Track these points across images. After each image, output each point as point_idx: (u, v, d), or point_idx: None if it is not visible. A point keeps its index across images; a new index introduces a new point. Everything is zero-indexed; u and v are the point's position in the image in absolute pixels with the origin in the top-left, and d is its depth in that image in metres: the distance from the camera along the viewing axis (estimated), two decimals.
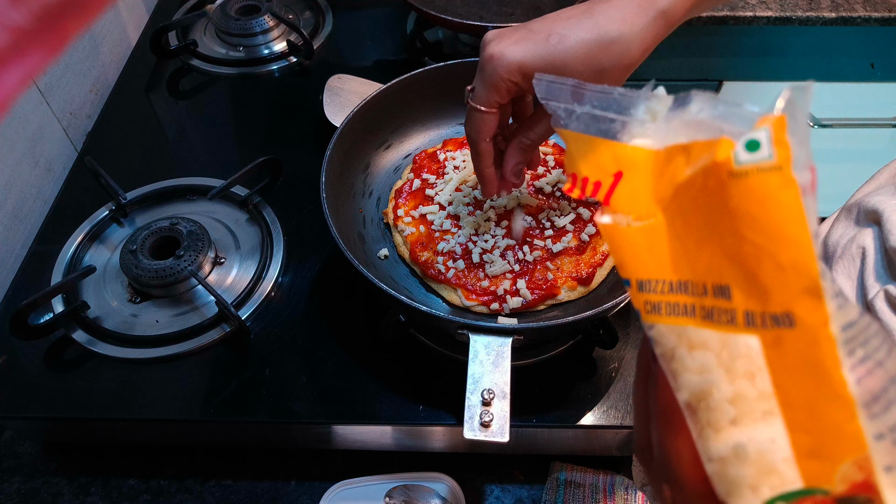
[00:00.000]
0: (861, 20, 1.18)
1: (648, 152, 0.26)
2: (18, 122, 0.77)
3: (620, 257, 0.27)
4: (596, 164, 0.27)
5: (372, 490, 0.60)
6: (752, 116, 0.22)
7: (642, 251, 0.26)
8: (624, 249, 0.26)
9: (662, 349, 0.25)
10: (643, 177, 0.26)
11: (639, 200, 0.26)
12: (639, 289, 0.26)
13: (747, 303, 0.22)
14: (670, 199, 0.25)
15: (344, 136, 0.65)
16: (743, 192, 0.22)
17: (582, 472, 0.62)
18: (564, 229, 0.64)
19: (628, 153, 0.26)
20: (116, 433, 0.65)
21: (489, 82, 0.50)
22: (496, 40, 0.49)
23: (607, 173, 0.27)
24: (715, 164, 0.22)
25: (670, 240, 0.25)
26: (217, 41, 0.99)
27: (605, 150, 0.27)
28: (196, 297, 0.67)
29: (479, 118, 0.52)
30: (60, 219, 0.74)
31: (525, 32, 0.49)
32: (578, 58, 0.47)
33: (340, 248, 0.55)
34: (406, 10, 1.04)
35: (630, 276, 0.26)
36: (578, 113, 0.28)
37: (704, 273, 0.24)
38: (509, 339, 0.51)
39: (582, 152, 0.27)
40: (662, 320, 0.25)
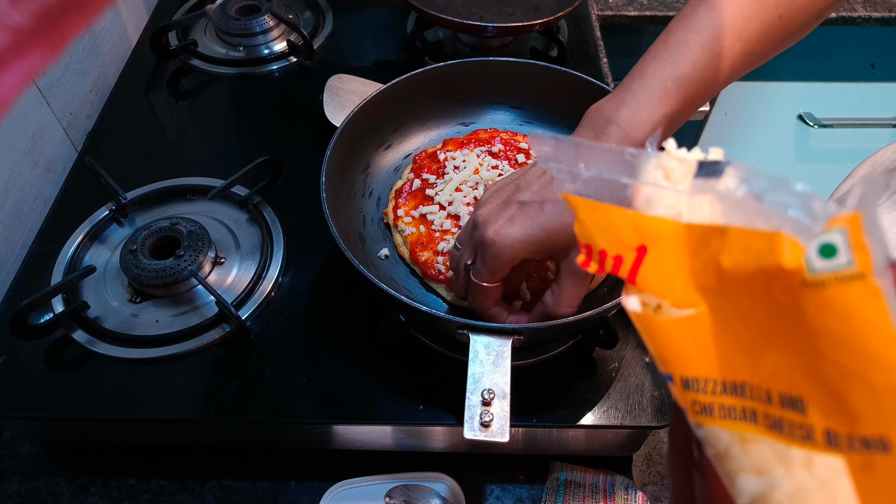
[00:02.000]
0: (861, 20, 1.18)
1: (675, 225, 0.23)
2: (18, 122, 0.77)
3: (659, 350, 0.24)
4: (614, 236, 0.24)
5: (372, 490, 0.60)
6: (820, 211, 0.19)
7: (686, 345, 0.23)
8: (664, 342, 0.24)
9: (715, 449, 0.23)
10: (673, 254, 0.23)
11: (673, 282, 0.24)
12: (684, 387, 0.23)
13: (828, 422, 0.20)
14: (715, 289, 0.23)
15: (344, 136, 0.65)
16: (821, 306, 0.19)
17: (582, 472, 0.62)
18: None
19: (651, 225, 0.24)
20: (116, 433, 0.65)
21: (492, 265, 0.50)
22: (491, 222, 0.50)
23: (629, 247, 0.24)
24: (781, 269, 0.20)
25: (719, 335, 0.23)
26: (217, 41, 0.99)
27: (622, 219, 0.24)
28: (196, 297, 0.67)
29: (483, 292, 0.53)
30: (60, 219, 0.74)
31: (516, 208, 0.49)
32: None
33: (340, 248, 0.55)
34: (406, 10, 1.04)
35: (672, 373, 0.24)
36: (586, 176, 0.25)
37: (768, 379, 0.21)
38: (509, 339, 0.51)
39: (595, 222, 0.25)
40: (716, 423, 0.23)
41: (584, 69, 0.71)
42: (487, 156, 0.70)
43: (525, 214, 0.49)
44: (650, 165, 0.24)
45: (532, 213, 0.49)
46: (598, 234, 0.25)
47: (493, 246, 0.49)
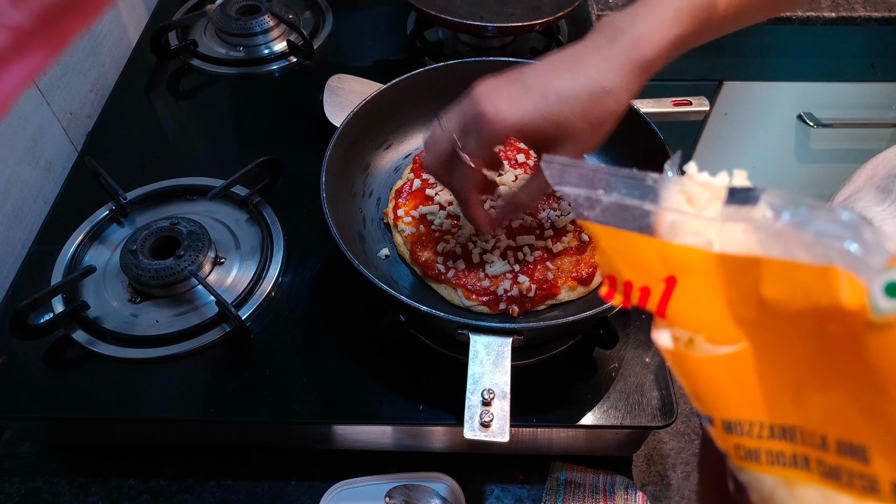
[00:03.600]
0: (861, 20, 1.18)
1: (706, 255, 0.22)
2: (18, 122, 0.77)
3: (697, 390, 0.22)
4: (640, 267, 0.23)
5: (372, 490, 0.60)
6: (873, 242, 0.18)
7: (727, 385, 0.22)
8: (701, 381, 0.22)
9: (760, 495, 0.22)
10: (706, 285, 0.22)
11: (708, 315, 0.22)
12: (726, 430, 0.22)
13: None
14: (757, 323, 0.21)
15: (344, 136, 0.65)
16: (890, 348, 0.18)
17: (582, 472, 0.62)
18: (564, 229, 0.64)
19: (680, 254, 0.22)
20: (116, 433, 0.65)
21: (484, 141, 0.49)
22: (490, 96, 0.49)
23: (656, 278, 0.23)
24: (839, 307, 0.19)
25: (764, 373, 0.21)
26: (217, 41, 0.99)
27: (647, 248, 0.23)
28: (196, 297, 0.67)
29: (469, 172, 0.52)
30: (60, 219, 0.74)
31: (520, 89, 0.49)
32: (576, 113, 0.48)
33: (340, 248, 0.55)
34: (406, 10, 1.04)
35: (713, 414, 0.22)
36: (605, 203, 0.23)
37: (821, 422, 0.20)
38: (509, 339, 0.51)
39: (618, 250, 0.23)
40: (763, 469, 0.21)
41: None
42: None
43: (527, 97, 0.48)
44: (672, 190, 0.23)
45: (535, 98, 0.48)
46: (621, 265, 0.23)
47: (489, 120, 0.48)
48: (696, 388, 0.22)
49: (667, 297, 0.22)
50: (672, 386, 0.60)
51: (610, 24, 0.51)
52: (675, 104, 0.76)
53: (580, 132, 0.49)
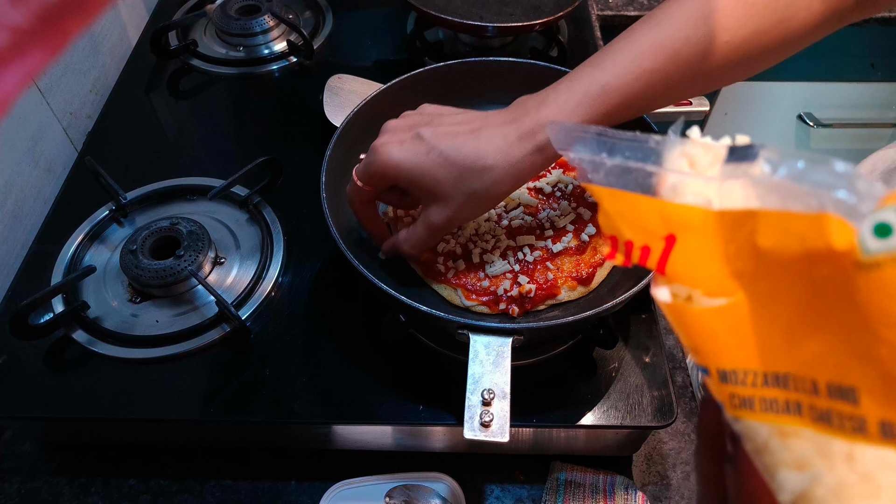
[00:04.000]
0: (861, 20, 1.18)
1: (705, 213, 0.23)
2: (18, 122, 0.77)
3: (694, 342, 0.23)
4: (641, 226, 0.24)
5: (372, 490, 0.60)
6: (865, 190, 0.19)
7: (722, 336, 0.22)
8: (698, 333, 0.23)
9: (753, 444, 0.22)
10: (704, 242, 0.23)
11: (705, 270, 0.23)
12: (721, 380, 0.22)
13: (884, 411, 0.19)
14: (752, 274, 0.22)
15: (344, 136, 0.65)
16: (877, 287, 0.19)
17: (582, 472, 0.62)
18: (564, 229, 0.64)
19: (679, 213, 0.23)
20: (116, 433, 0.65)
21: (368, 169, 0.54)
22: (390, 133, 0.54)
23: (656, 236, 0.23)
24: (830, 250, 0.19)
25: (757, 323, 0.22)
26: (217, 41, 0.99)
27: (648, 208, 0.23)
28: (196, 297, 0.67)
29: (353, 186, 0.56)
30: (60, 219, 0.74)
31: (413, 138, 0.52)
32: (451, 178, 0.51)
33: (340, 248, 0.55)
34: (406, 10, 1.04)
35: (709, 365, 0.23)
36: (609, 165, 0.24)
37: (812, 367, 0.21)
38: (509, 339, 0.51)
39: (620, 211, 0.24)
40: (757, 417, 0.22)
41: None
42: None
43: (413, 147, 0.52)
44: (675, 153, 0.23)
45: (418, 149, 0.51)
46: (623, 225, 0.24)
47: (375, 153, 0.53)
48: (694, 340, 0.23)
49: (666, 255, 0.23)
50: (672, 386, 0.60)
51: (521, 104, 0.53)
52: (675, 104, 0.76)
53: (452, 198, 0.52)
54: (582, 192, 0.67)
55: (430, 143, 0.51)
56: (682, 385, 0.68)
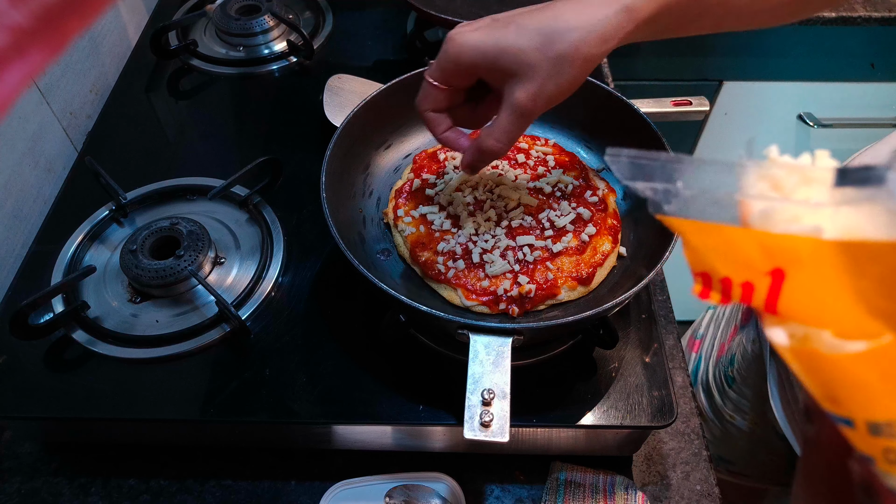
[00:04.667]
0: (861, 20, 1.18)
1: (817, 243, 0.20)
2: (18, 122, 0.77)
3: (831, 391, 0.21)
4: (738, 261, 0.21)
5: (372, 490, 0.60)
6: None
7: (871, 383, 0.20)
8: (837, 380, 0.20)
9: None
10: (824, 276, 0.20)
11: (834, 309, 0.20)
12: (872, 433, 0.20)
13: None
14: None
15: (344, 136, 0.65)
16: None
17: (582, 472, 0.62)
18: (564, 229, 0.64)
19: (783, 244, 0.20)
20: (116, 433, 0.65)
21: (441, 60, 0.52)
22: (461, 27, 0.51)
23: (759, 272, 0.21)
24: None
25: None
26: (217, 41, 0.99)
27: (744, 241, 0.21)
28: (196, 297, 0.67)
29: (426, 88, 0.54)
30: (60, 219, 0.74)
31: (488, 21, 0.51)
32: (533, 44, 0.48)
33: (340, 248, 0.55)
34: (406, 10, 1.04)
35: (853, 416, 0.20)
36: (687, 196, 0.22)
37: None
38: (509, 339, 0.51)
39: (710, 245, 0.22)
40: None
41: None
42: None
43: (489, 27, 0.50)
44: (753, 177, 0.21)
45: (496, 27, 0.50)
46: (717, 261, 0.22)
47: (449, 42, 0.51)
48: (832, 389, 0.21)
49: (776, 292, 0.21)
50: (672, 386, 0.60)
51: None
52: (675, 104, 0.76)
53: (538, 67, 0.48)
54: (582, 192, 0.67)
55: (507, 20, 0.50)
56: (682, 385, 0.69)
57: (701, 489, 0.63)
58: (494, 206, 0.66)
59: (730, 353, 0.81)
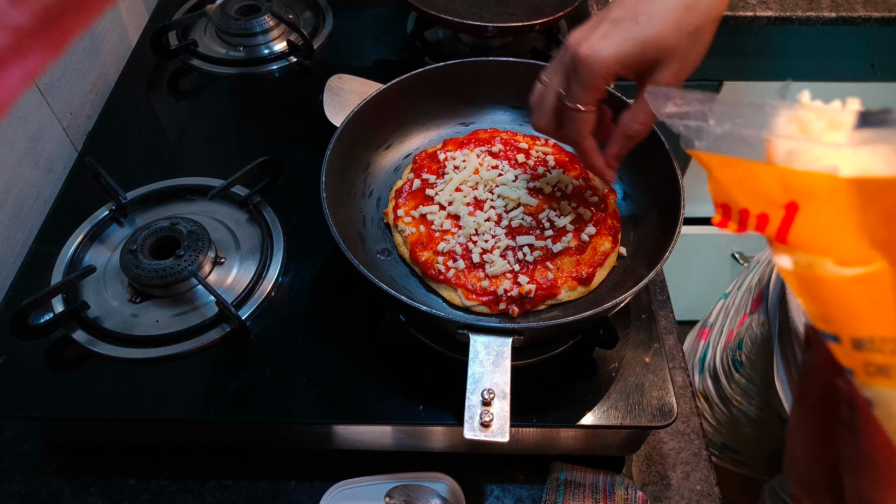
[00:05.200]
0: (861, 20, 1.18)
1: (834, 180, 0.22)
2: (18, 122, 0.77)
3: (825, 310, 0.23)
4: (757, 194, 0.23)
5: (372, 490, 0.60)
6: None
7: (859, 304, 0.22)
8: (831, 301, 0.22)
9: (886, 410, 0.23)
10: (834, 210, 0.22)
11: (837, 240, 0.22)
12: (855, 347, 0.22)
13: None
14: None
15: (344, 136, 0.65)
16: None
17: (582, 472, 0.62)
18: (564, 229, 0.64)
19: (803, 180, 0.22)
20: (116, 433, 0.65)
21: (587, 83, 0.49)
22: (583, 41, 0.49)
23: (775, 204, 0.23)
24: None
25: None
26: (217, 41, 0.99)
27: (766, 175, 0.23)
28: (196, 297, 0.67)
29: (579, 118, 0.52)
30: (60, 219, 0.74)
31: (609, 24, 0.49)
32: (670, 26, 0.47)
33: (340, 248, 0.55)
34: (406, 10, 1.04)
35: (840, 333, 0.23)
36: (718, 133, 0.24)
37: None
38: (509, 339, 0.51)
39: (733, 179, 0.24)
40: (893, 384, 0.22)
41: None
42: (487, 156, 0.70)
43: (618, 28, 0.48)
44: (784, 118, 0.23)
45: (626, 26, 0.48)
46: (738, 193, 0.24)
47: (587, 62, 0.48)
48: (825, 309, 0.23)
49: (788, 223, 0.23)
50: (672, 386, 0.60)
51: None
52: None
53: (679, 46, 0.48)
54: (582, 192, 0.67)
55: (630, 15, 0.48)
56: (682, 385, 0.69)
57: (701, 489, 0.63)
58: (494, 206, 0.66)
59: (738, 337, 0.82)
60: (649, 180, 0.66)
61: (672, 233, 0.57)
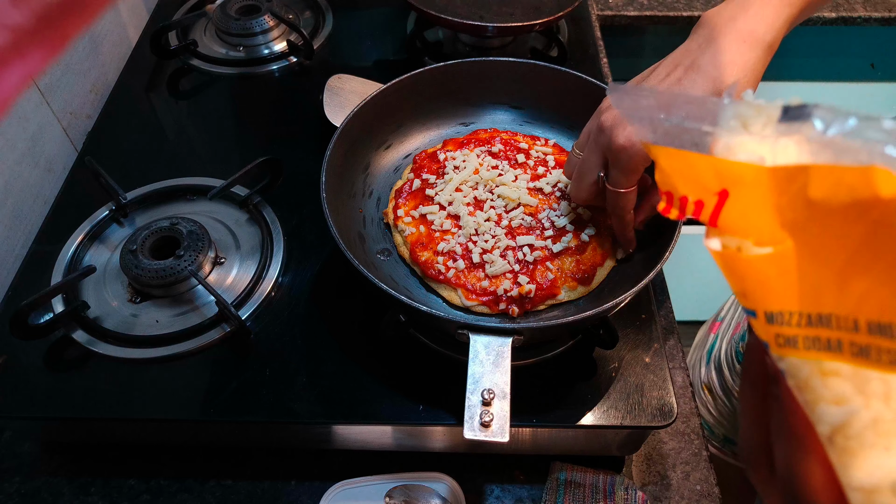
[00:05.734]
0: (861, 20, 1.18)
1: (759, 169, 0.24)
2: (18, 122, 0.77)
3: (743, 286, 0.25)
4: (695, 182, 0.25)
5: (372, 490, 0.60)
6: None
7: (770, 280, 0.24)
8: (747, 278, 0.24)
9: (795, 381, 0.24)
10: (756, 196, 0.24)
11: (756, 222, 0.24)
12: (768, 321, 0.24)
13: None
14: (802, 223, 0.23)
15: (344, 136, 0.65)
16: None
17: (582, 472, 0.62)
18: (564, 229, 0.64)
19: (733, 169, 0.24)
20: (116, 433, 0.65)
21: (629, 169, 0.51)
22: (620, 126, 0.50)
23: (710, 192, 0.25)
24: (878, 199, 0.21)
25: (804, 268, 0.24)
26: (217, 41, 0.99)
27: (703, 165, 0.25)
28: (196, 297, 0.67)
29: (623, 197, 0.54)
30: (60, 219, 0.74)
31: None
32: None
33: (340, 248, 0.55)
34: (406, 10, 1.04)
35: (756, 307, 0.24)
36: (666, 126, 0.26)
37: (856, 308, 0.22)
38: (509, 339, 0.51)
39: (676, 168, 0.26)
40: (799, 354, 0.24)
41: (584, 69, 0.71)
42: (487, 156, 0.70)
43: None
44: (728, 114, 0.25)
45: None
46: (679, 181, 0.26)
47: (628, 150, 0.50)
48: (743, 285, 0.25)
49: (719, 209, 0.25)
50: (672, 386, 0.60)
51: (714, 16, 0.51)
52: None
53: None
54: None
55: None
56: (682, 385, 0.69)
57: (701, 489, 0.63)
58: (494, 206, 0.66)
59: (743, 329, 0.82)
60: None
61: (672, 233, 0.57)
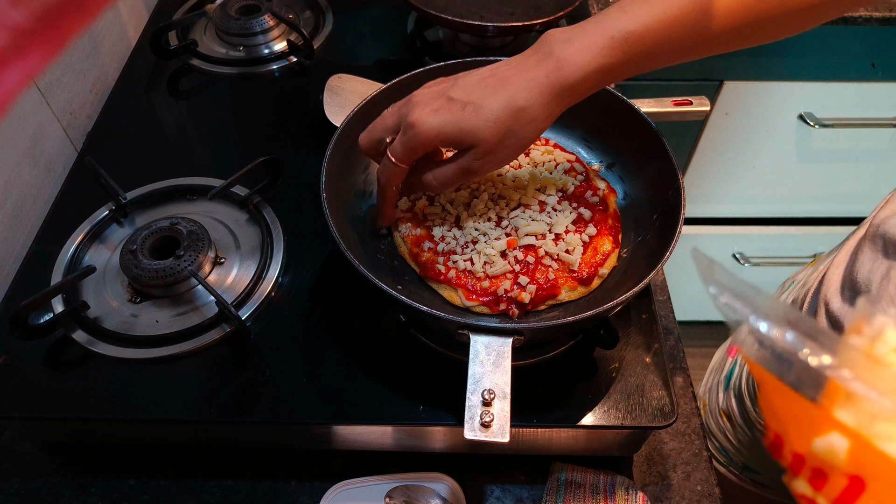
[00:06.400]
0: (861, 20, 1.18)
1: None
2: (18, 122, 0.77)
3: None
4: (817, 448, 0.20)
5: (372, 490, 0.60)
6: None
7: None
8: None
9: None
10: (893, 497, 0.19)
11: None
12: None
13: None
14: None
15: (344, 136, 0.65)
16: None
17: (582, 472, 0.62)
18: (565, 230, 0.64)
19: (874, 459, 0.19)
20: (116, 433, 0.65)
21: (408, 146, 0.55)
22: (419, 106, 0.54)
23: (839, 471, 0.20)
24: None
25: None
26: (217, 41, 0.99)
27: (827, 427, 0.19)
28: (196, 297, 0.67)
29: (393, 168, 0.57)
30: (60, 219, 0.74)
31: (444, 102, 0.54)
32: (489, 124, 0.53)
33: (340, 248, 0.55)
34: (406, 10, 1.04)
35: None
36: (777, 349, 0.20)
37: None
38: (509, 339, 0.51)
39: (791, 417, 0.20)
40: None
41: None
42: None
43: (448, 109, 0.53)
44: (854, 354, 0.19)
45: (454, 109, 0.53)
46: (795, 436, 0.21)
47: (413, 128, 0.54)
48: None
49: (851, 498, 0.20)
50: (672, 386, 0.60)
51: (545, 42, 0.54)
52: (676, 104, 0.76)
53: (491, 142, 0.53)
54: (582, 193, 0.67)
55: (464, 100, 0.53)
56: (682, 385, 0.68)
57: (702, 489, 0.63)
58: (494, 206, 0.66)
59: None
60: (649, 180, 0.66)
61: (672, 233, 0.57)
